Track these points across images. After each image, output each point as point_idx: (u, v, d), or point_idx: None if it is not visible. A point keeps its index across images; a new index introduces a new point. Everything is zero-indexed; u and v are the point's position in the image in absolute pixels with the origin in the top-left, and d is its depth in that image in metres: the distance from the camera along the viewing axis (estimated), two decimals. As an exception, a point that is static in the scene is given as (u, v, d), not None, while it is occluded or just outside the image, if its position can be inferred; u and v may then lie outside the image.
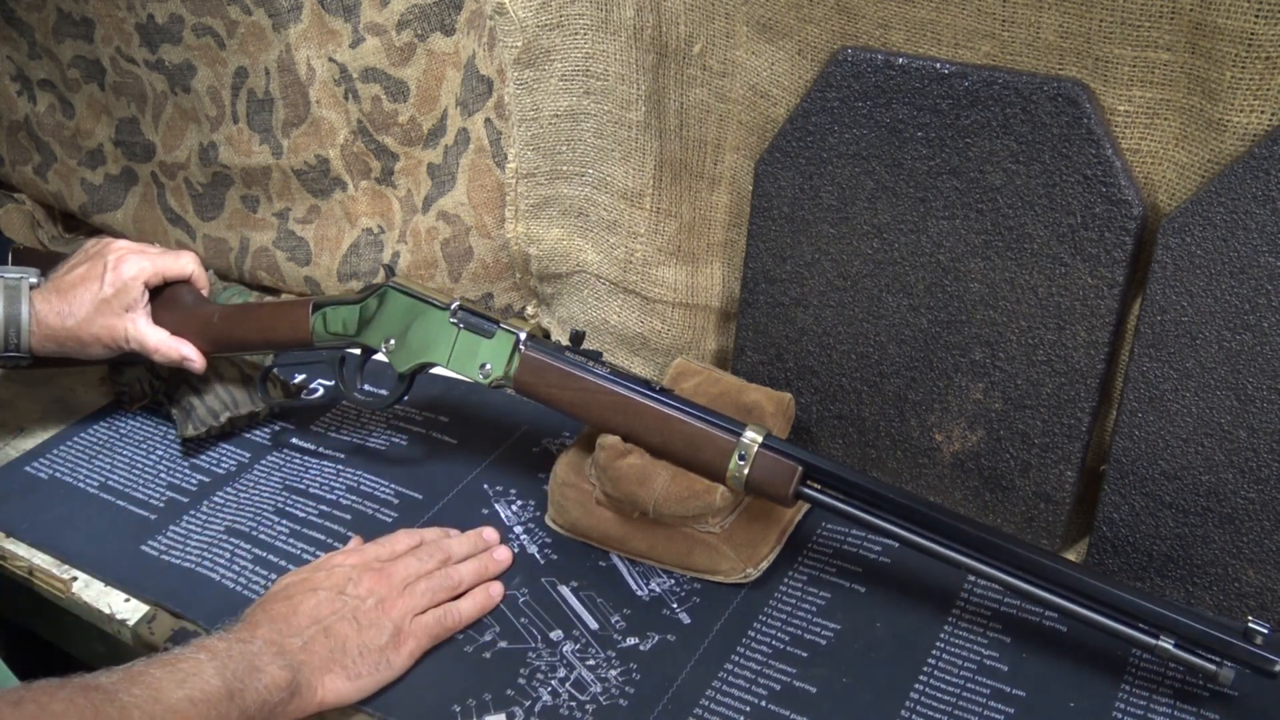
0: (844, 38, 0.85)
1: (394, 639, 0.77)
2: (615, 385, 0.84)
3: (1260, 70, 0.69)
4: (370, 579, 0.80)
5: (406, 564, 0.82)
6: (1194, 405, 0.78)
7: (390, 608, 0.78)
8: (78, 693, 0.62)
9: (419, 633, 0.79)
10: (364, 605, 0.78)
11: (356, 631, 0.76)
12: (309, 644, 0.74)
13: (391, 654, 0.77)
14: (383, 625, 0.77)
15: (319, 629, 0.75)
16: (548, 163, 1.02)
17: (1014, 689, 0.76)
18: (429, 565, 0.83)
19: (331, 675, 0.74)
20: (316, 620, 0.76)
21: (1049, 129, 0.78)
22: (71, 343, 0.94)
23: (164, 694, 0.65)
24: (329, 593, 0.78)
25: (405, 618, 0.78)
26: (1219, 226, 0.74)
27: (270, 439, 1.04)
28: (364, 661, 0.75)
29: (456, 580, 0.83)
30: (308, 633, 0.75)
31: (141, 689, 0.64)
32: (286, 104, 1.14)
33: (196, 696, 0.66)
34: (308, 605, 0.76)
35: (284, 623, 0.75)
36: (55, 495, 0.97)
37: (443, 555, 0.84)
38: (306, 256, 1.21)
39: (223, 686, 0.67)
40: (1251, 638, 0.69)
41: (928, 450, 0.91)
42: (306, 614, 0.76)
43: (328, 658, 0.74)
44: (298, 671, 0.72)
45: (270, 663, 0.71)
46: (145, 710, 0.63)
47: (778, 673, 0.78)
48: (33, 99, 1.34)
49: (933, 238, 0.86)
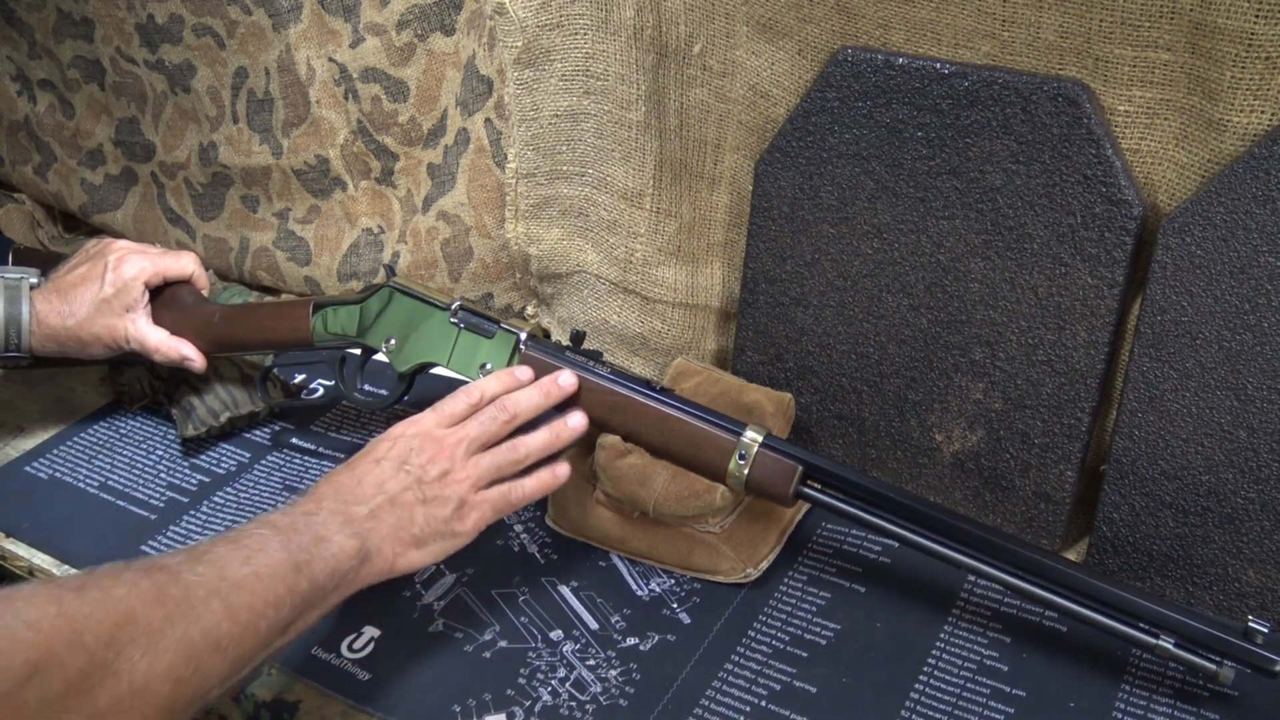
0: (844, 38, 0.85)
1: (458, 510, 0.77)
2: (615, 385, 0.84)
3: (1260, 70, 0.69)
4: (432, 448, 0.78)
5: (468, 429, 0.79)
6: (1194, 405, 0.78)
7: (453, 480, 0.77)
8: (141, 575, 0.61)
9: (483, 506, 0.78)
10: (428, 476, 0.76)
11: (421, 503, 0.75)
12: (375, 512, 0.74)
13: (457, 524, 0.76)
14: (447, 498, 0.76)
15: (385, 498, 0.75)
16: (548, 163, 1.02)
17: (1014, 689, 0.76)
18: (492, 428, 0.80)
19: (400, 543, 0.74)
20: (381, 489, 0.75)
21: (1049, 129, 0.78)
22: (72, 343, 0.94)
23: (229, 570, 0.64)
24: (392, 464, 0.77)
25: (469, 490, 0.77)
26: (1219, 226, 0.74)
27: (270, 439, 1.04)
28: (429, 531, 0.75)
29: (523, 454, 0.80)
30: (374, 501, 0.74)
31: (206, 566, 0.64)
32: (286, 104, 1.14)
33: (262, 571, 0.65)
34: (372, 476, 0.76)
35: (349, 493, 0.75)
36: (55, 495, 0.97)
37: (507, 416, 0.81)
38: (306, 256, 1.21)
39: (288, 559, 0.67)
40: (1252, 637, 0.69)
41: (928, 450, 0.91)
42: (371, 484, 0.75)
43: (395, 525, 0.74)
44: (365, 539, 0.72)
45: (337, 531, 0.71)
46: (210, 587, 0.63)
47: (778, 673, 0.78)
48: (33, 99, 1.34)
49: (933, 238, 0.86)
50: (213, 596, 0.62)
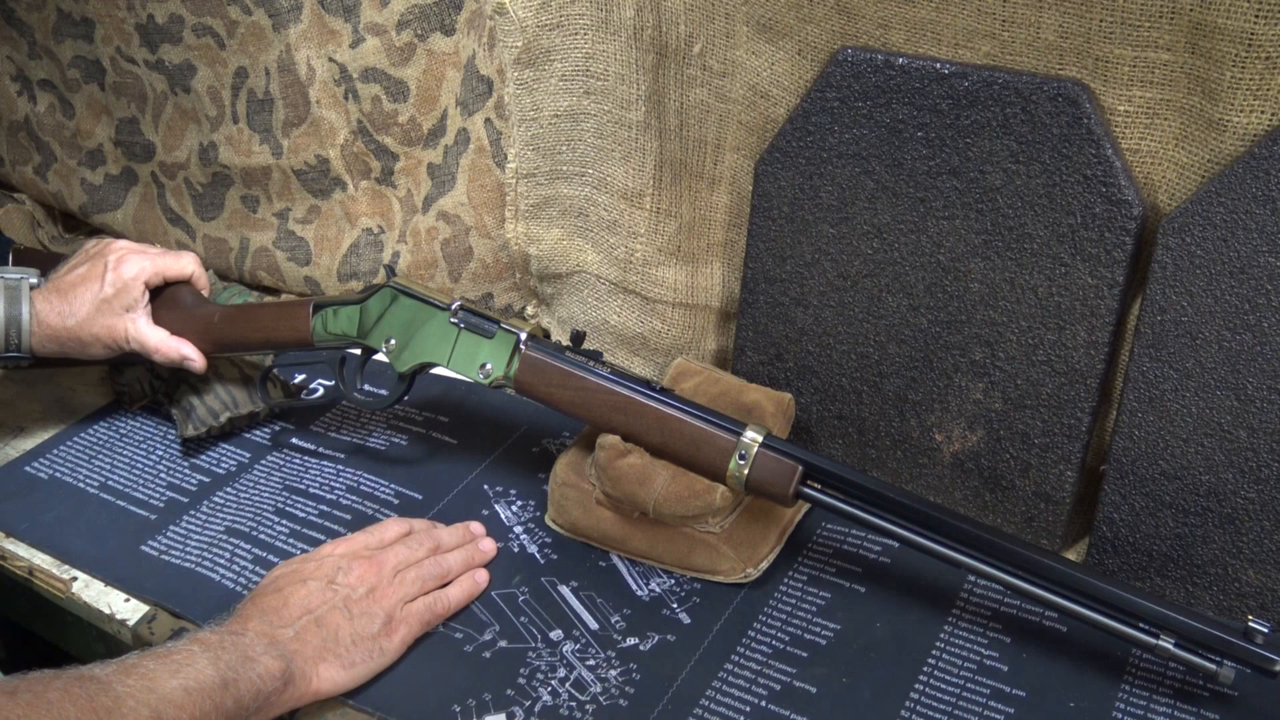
0: (844, 38, 0.85)
1: (385, 627, 0.78)
2: (615, 385, 0.84)
3: (1260, 70, 0.69)
4: (360, 567, 0.80)
5: (397, 552, 0.82)
6: (1194, 405, 0.78)
7: (381, 596, 0.79)
8: (73, 682, 0.62)
9: (410, 619, 0.79)
10: (355, 594, 0.78)
11: (348, 620, 0.76)
12: (301, 634, 0.74)
13: (384, 641, 0.77)
14: (374, 614, 0.77)
15: (310, 619, 0.75)
16: (548, 163, 1.02)
17: (1014, 689, 0.76)
18: (419, 553, 0.83)
19: (325, 664, 0.74)
20: (308, 610, 0.76)
21: (1049, 129, 0.78)
22: (72, 343, 0.94)
23: (158, 684, 0.65)
24: (319, 583, 0.78)
25: (396, 605, 0.79)
26: (1219, 226, 0.74)
27: (270, 439, 1.04)
28: (357, 650, 0.76)
29: (445, 569, 0.83)
30: (299, 623, 0.75)
31: (136, 679, 0.65)
32: (286, 104, 1.14)
33: (191, 686, 0.66)
34: (298, 596, 0.77)
35: (275, 614, 0.75)
36: (55, 495, 0.97)
37: (432, 544, 0.85)
38: (306, 256, 1.21)
39: (217, 676, 0.67)
40: (1252, 637, 0.69)
41: (928, 450, 0.91)
42: (297, 604, 0.76)
43: (320, 647, 0.75)
44: (290, 661, 0.72)
45: (263, 653, 0.71)
46: (140, 699, 0.64)
47: (778, 673, 0.78)
48: (33, 99, 1.34)
49: (933, 238, 0.86)
50: (142, 707, 0.63)
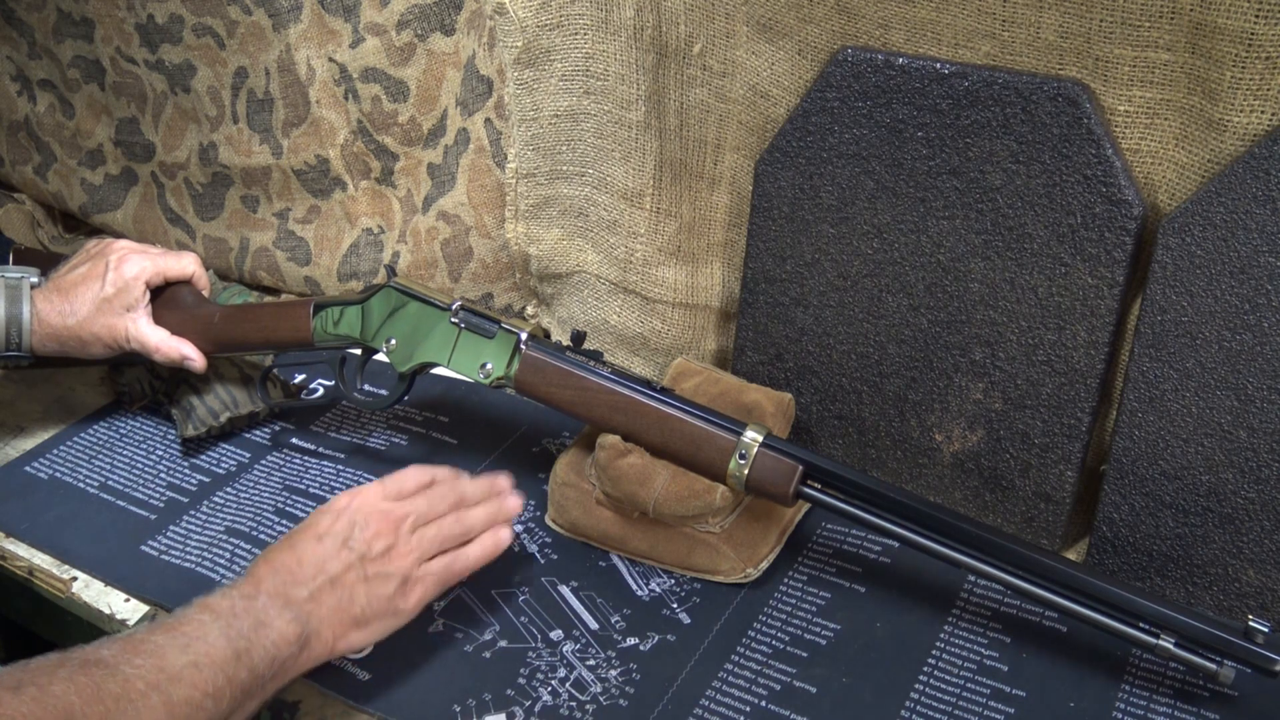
0: (844, 38, 0.85)
1: (402, 587, 0.76)
2: (616, 385, 0.84)
3: (1260, 70, 0.69)
4: (377, 523, 0.77)
5: (416, 505, 0.79)
6: (1194, 405, 0.78)
7: (398, 555, 0.76)
8: (77, 670, 0.61)
9: (427, 580, 0.77)
10: (371, 553, 0.75)
11: (364, 581, 0.74)
12: (316, 594, 0.73)
13: (400, 601, 0.76)
14: (390, 574, 0.75)
15: (325, 579, 0.73)
16: (548, 163, 1.02)
17: (1014, 689, 0.76)
18: (439, 508, 0.80)
19: (342, 624, 0.73)
20: (322, 570, 0.74)
21: (1049, 129, 0.78)
22: (73, 342, 0.94)
23: (168, 662, 0.64)
24: (335, 541, 0.75)
25: (413, 565, 0.77)
26: (1219, 226, 0.74)
27: (270, 439, 1.04)
28: (372, 610, 0.74)
29: (467, 526, 0.80)
30: (314, 583, 0.73)
31: (144, 658, 0.63)
32: (286, 104, 1.14)
33: (202, 661, 0.65)
34: (313, 555, 0.74)
35: (289, 574, 0.73)
36: (55, 495, 0.97)
37: (454, 497, 0.81)
38: (306, 256, 1.21)
39: (228, 647, 0.66)
40: (1252, 636, 0.69)
41: (928, 450, 0.91)
42: (312, 564, 0.74)
43: (336, 606, 0.73)
44: (306, 623, 0.71)
45: (277, 616, 0.70)
46: (149, 680, 0.62)
47: (778, 673, 0.78)
48: (33, 99, 1.34)
49: (933, 238, 0.86)
50: (151, 691, 0.62)
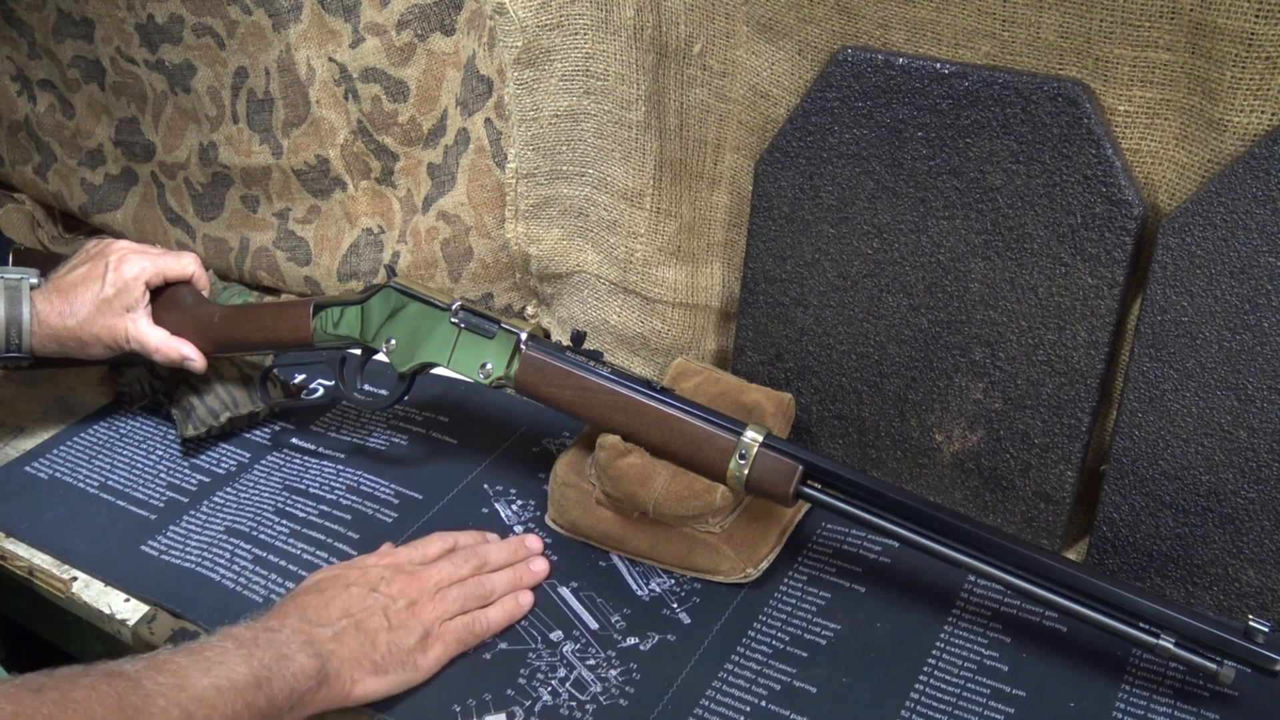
0: (844, 38, 0.85)
1: (422, 641, 0.77)
2: (615, 385, 0.84)
3: (1260, 70, 0.69)
4: (402, 581, 0.79)
5: (440, 569, 0.81)
6: (1194, 405, 0.78)
7: (420, 611, 0.78)
8: (100, 679, 0.61)
9: (447, 637, 0.78)
10: (395, 605, 0.77)
11: (386, 629, 0.76)
12: (339, 635, 0.74)
13: (419, 656, 0.76)
14: (412, 627, 0.77)
15: (350, 622, 0.75)
16: (548, 163, 1.02)
17: (1014, 689, 0.76)
18: (463, 571, 0.82)
19: (361, 669, 0.74)
20: (348, 613, 0.75)
21: (1049, 129, 0.78)
22: (72, 343, 0.94)
23: (189, 682, 0.64)
24: (361, 589, 0.77)
25: (435, 622, 0.78)
26: (1219, 226, 0.74)
27: (270, 439, 1.04)
28: (392, 659, 0.75)
29: (489, 589, 0.82)
30: (339, 624, 0.74)
31: (167, 677, 0.64)
32: (286, 104, 1.14)
33: (223, 684, 0.65)
34: (340, 599, 0.76)
35: (314, 613, 0.75)
36: (55, 495, 0.97)
37: (478, 561, 0.83)
38: (306, 256, 1.21)
39: (250, 674, 0.67)
40: (1253, 636, 0.69)
41: (928, 450, 0.91)
42: (338, 607, 0.76)
43: (357, 650, 0.74)
44: (326, 661, 0.72)
45: (299, 651, 0.71)
46: (170, 698, 0.62)
47: (778, 673, 0.78)
48: (33, 99, 1.34)
49: (933, 238, 0.86)
50: (172, 707, 0.62)
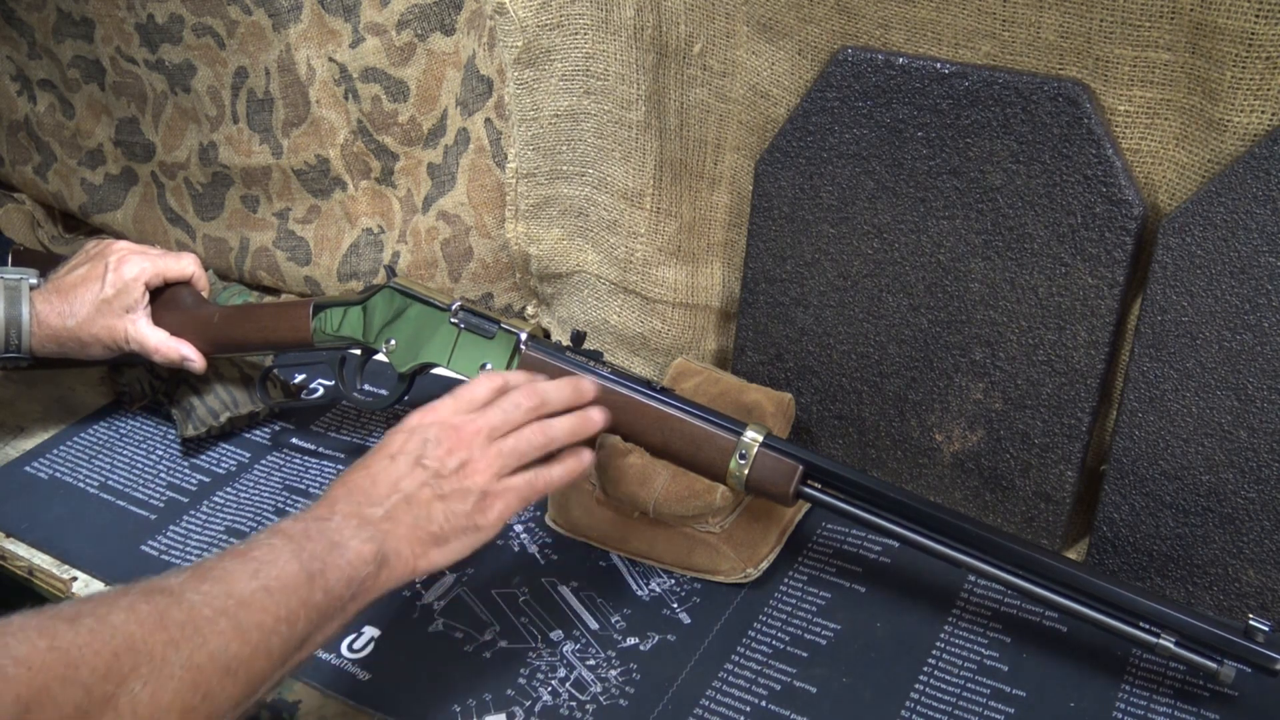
0: (844, 38, 0.85)
1: (480, 503, 0.72)
2: (615, 385, 0.84)
3: (1260, 70, 0.69)
4: (450, 439, 0.73)
5: (489, 417, 0.74)
6: (1194, 405, 0.78)
7: (474, 470, 0.72)
8: (140, 598, 0.58)
9: (508, 495, 0.73)
10: (445, 469, 0.72)
11: (440, 499, 0.71)
12: (391, 513, 0.69)
13: (479, 518, 0.72)
14: (467, 490, 0.71)
15: (400, 497, 0.70)
16: (548, 163, 1.02)
17: (1014, 689, 0.76)
18: (516, 415, 0.75)
19: (420, 543, 0.69)
20: (396, 488, 0.70)
21: (1049, 129, 0.78)
22: (72, 343, 0.94)
23: (236, 586, 0.60)
24: (408, 459, 0.72)
25: (491, 480, 0.72)
26: (1219, 226, 0.74)
27: (270, 439, 1.04)
28: (450, 527, 0.71)
29: (549, 437, 0.75)
30: (389, 501, 0.70)
31: (211, 584, 0.60)
32: (286, 104, 1.14)
33: (273, 585, 0.61)
34: (387, 474, 0.71)
35: (363, 494, 0.70)
36: (55, 495, 0.97)
37: (534, 402, 0.76)
38: (306, 256, 1.21)
39: (300, 570, 0.63)
40: (1253, 635, 0.69)
41: (928, 450, 0.91)
42: (386, 483, 0.71)
43: (413, 525, 0.69)
44: (383, 542, 0.67)
45: (352, 536, 0.66)
46: (216, 606, 0.59)
47: (778, 673, 0.78)
48: (33, 99, 1.34)
49: (933, 238, 0.86)
50: (220, 616, 0.59)
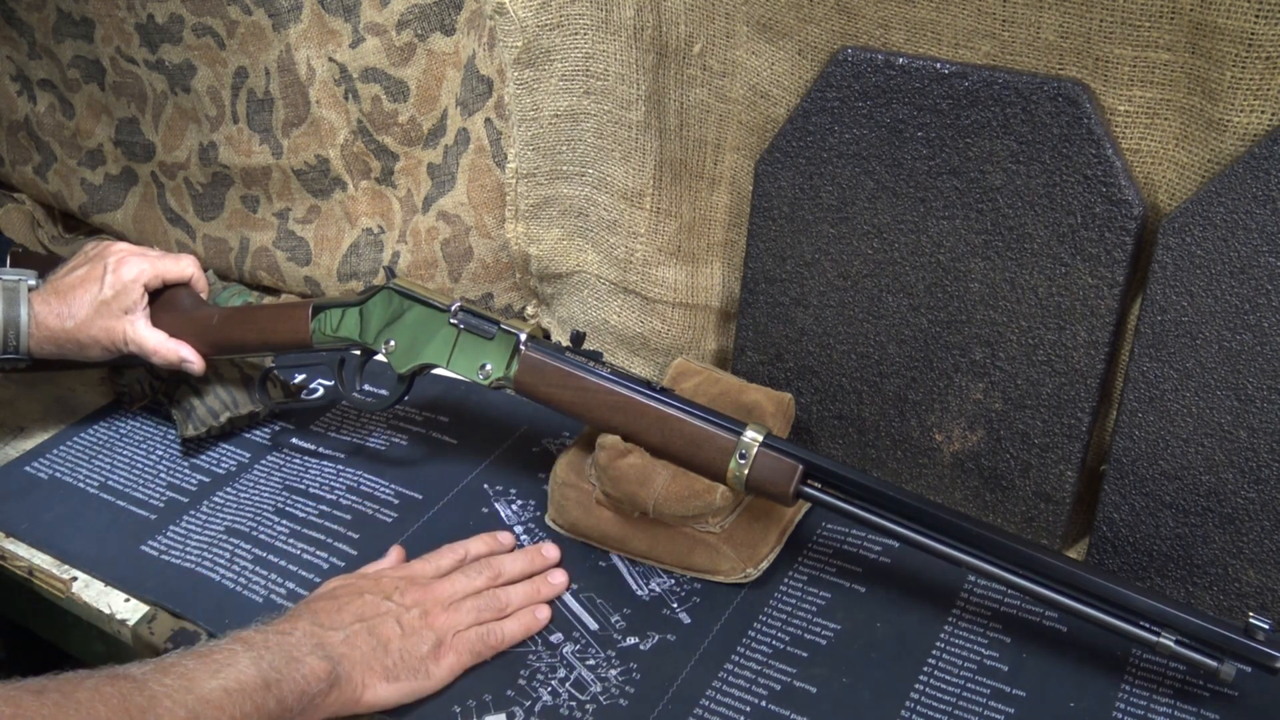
0: (844, 38, 0.85)
1: (435, 650, 0.76)
2: (615, 385, 0.84)
3: (1260, 70, 0.69)
4: (416, 592, 0.79)
5: (454, 581, 0.81)
6: (1194, 405, 0.78)
7: (433, 620, 0.77)
8: (104, 682, 0.61)
9: (460, 648, 0.77)
10: (408, 613, 0.77)
11: (399, 636, 0.75)
12: (351, 638, 0.73)
13: (431, 664, 0.76)
14: (425, 635, 0.76)
15: (363, 626, 0.74)
16: (548, 163, 1.02)
17: (1014, 689, 0.76)
18: (477, 582, 0.81)
19: (372, 673, 0.73)
20: (361, 618, 0.75)
21: (1049, 129, 0.78)
22: (70, 345, 0.94)
23: (197, 683, 0.63)
24: (375, 596, 0.77)
25: (448, 632, 0.77)
26: (1219, 226, 0.74)
27: (270, 439, 1.04)
28: (404, 666, 0.74)
29: (504, 602, 0.81)
30: (351, 628, 0.74)
31: (173, 679, 0.63)
32: (286, 104, 1.14)
33: (231, 686, 0.64)
34: (353, 605, 0.76)
35: (326, 617, 0.74)
36: (55, 495, 0.97)
37: (492, 573, 0.83)
38: (306, 256, 1.21)
39: (258, 676, 0.66)
40: (1253, 634, 0.69)
41: (928, 450, 0.91)
42: (351, 612, 0.75)
43: (369, 654, 0.73)
44: (338, 664, 0.71)
45: (309, 653, 0.70)
46: (176, 699, 0.62)
47: (778, 673, 0.78)
48: (33, 99, 1.34)
49: (933, 238, 0.86)
50: (178, 708, 0.61)
